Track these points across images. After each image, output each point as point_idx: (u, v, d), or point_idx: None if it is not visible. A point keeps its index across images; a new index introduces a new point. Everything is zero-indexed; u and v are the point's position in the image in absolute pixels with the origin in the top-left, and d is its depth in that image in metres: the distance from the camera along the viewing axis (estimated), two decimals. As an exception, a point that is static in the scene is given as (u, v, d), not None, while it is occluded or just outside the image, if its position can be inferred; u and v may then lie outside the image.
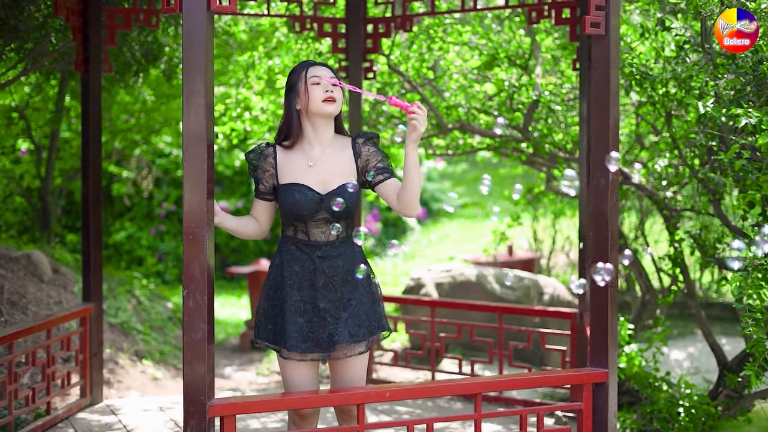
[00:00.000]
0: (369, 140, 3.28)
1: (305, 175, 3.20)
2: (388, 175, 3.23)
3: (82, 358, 4.86)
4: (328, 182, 3.20)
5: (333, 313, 3.18)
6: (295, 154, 3.24)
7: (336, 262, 3.20)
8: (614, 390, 3.40)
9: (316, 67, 3.22)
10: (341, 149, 3.26)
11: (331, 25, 5.23)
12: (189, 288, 2.88)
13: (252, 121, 6.20)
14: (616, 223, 3.43)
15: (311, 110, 3.19)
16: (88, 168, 4.84)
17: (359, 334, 3.17)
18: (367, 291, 3.24)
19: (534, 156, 5.86)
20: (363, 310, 3.20)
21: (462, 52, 6.30)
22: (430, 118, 5.75)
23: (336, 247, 3.21)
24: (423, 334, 5.29)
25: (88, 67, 4.82)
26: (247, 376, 6.66)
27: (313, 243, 3.20)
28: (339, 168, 3.22)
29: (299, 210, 3.15)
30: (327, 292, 3.18)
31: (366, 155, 3.25)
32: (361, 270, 3.19)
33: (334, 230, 3.16)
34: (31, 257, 6.36)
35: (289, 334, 3.15)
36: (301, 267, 3.20)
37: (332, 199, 3.16)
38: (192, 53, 2.87)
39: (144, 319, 7.20)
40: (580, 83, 4.64)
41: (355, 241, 3.22)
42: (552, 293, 6.79)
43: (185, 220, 2.87)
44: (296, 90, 3.21)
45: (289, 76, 3.27)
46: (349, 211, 3.20)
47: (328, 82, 3.18)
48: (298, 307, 3.18)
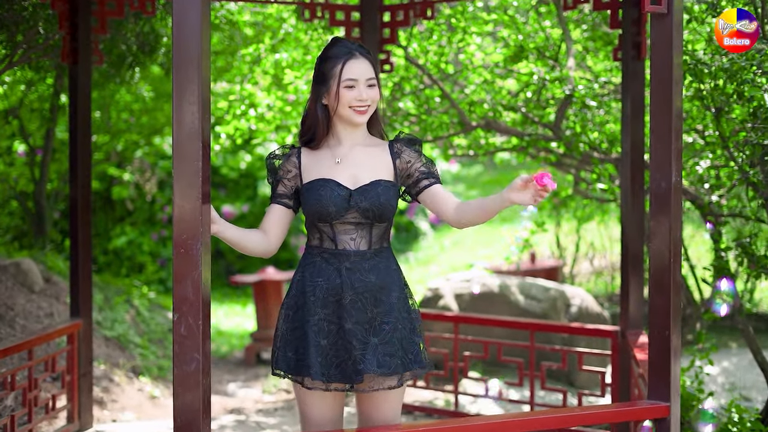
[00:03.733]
0: (411, 143, 2.81)
1: (332, 172, 2.74)
2: (434, 180, 2.78)
3: (69, 380, 4.40)
4: (358, 178, 2.74)
5: (360, 336, 2.68)
6: (320, 153, 2.79)
7: (367, 276, 2.70)
8: (677, 428, 2.92)
9: (355, 61, 2.73)
10: (376, 149, 2.81)
11: (344, 12, 4.76)
12: (180, 311, 2.41)
13: (257, 119, 5.73)
14: (679, 232, 2.96)
15: (339, 114, 2.74)
16: (76, 169, 4.39)
17: (390, 365, 2.66)
18: (404, 316, 2.74)
19: (564, 156, 5.38)
20: (397, 337, 2.70)
21: (484, 45, 5.82)
22: (452, 116, 5.28)
23: (368, 258, 2.72)
24: (445, 353, 4.80)
25: (76, 58, 4.37)
26: (253, 393, 6.18)
27: (341, 252, 2.71)
28: (372, 165, 2.76)
29: (325, 207, 2.68)
30: (355, 311, 2.68)
31: (407, 157, 2.79)
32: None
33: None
34: (21, 266, 5.91)
35: (313, 360, 2.65)
36: (325, 280, 2.71)
37: (362, 195, 2.69)
38: (183, 33, 2.40)
39: (142, 331, 6.74)
40: (623, 76, 4.16)
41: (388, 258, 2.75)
42: (580, 305, 6.30)
43: (175, 230, 2.41)
44: (327, 85, 2.74)
45: (322, 59, 2.78)
46: (384, 213, 2.71)
47: (363, 88, 2.71)
48: (321, 327, 2.69)
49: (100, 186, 10.21)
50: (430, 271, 10.22)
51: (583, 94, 4.75)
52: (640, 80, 4.13)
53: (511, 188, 2.53)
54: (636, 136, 4.10)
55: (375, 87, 2.74)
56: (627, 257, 4.16)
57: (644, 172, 4.17)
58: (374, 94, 2.74)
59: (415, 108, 5.49)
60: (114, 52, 5.29)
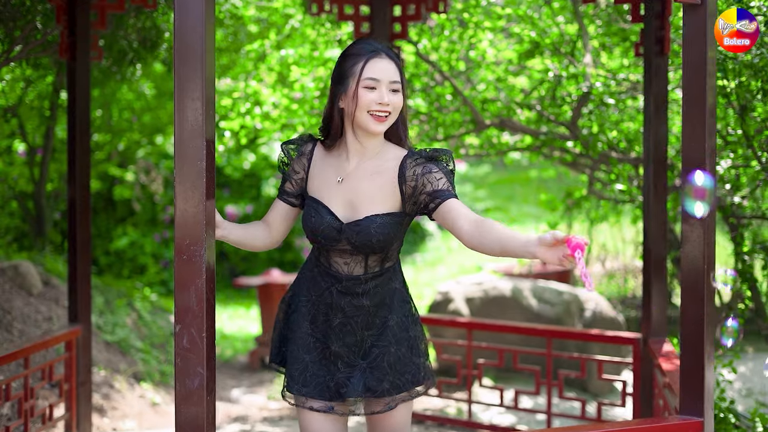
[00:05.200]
0: (420, 159, 2.50)
1: (330, 193, 2.52)
2: (440, 201, 2.44)
3: (67, 388, 4.22)
4: (356, 208, 2.50)
5: (347, 359, 2.52)
6: (329, 160, 2.57)
7: (360, 300, 2.52)
8: (711, 444, 2.74)
9: (380, 60, 2.46)
10: (384, 166, 2.52)
11: (353, 6, 4.58)
12: (183, 322, 2.23)
13: (263, 118, 5.55)
14: (712, 236, 2.78)
15: (356, 120, 2.49)
16: (75, 169, 4.21)
17: (377, 389, 2.50)
18: (402, 337, 2.55)
19: (579, 156, 5.19)
20: (388, 361, 2.51)
21: (496, 41, 5.64)
22: (465, 114, 5.09)
23: (362, 282, 2.52)
24: (458, 360, 4.62)
25: (75, 54, 4.19)
26: (257, 400, 6.00)
27: (333, 273, 2.53)
28: (374, 193, 2.50)
29: (315, 235, 2.51)
30: (343, 333, 2.52)
31: (412, 179, 2.47)
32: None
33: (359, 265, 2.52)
34: (19, 268, 5.73)
35: (294, 372, 2.54)
36: (318, 296, 2.55)
37: (354, 231, 2.47)
38: (186, 22, 2.22)
39: (144, 335, 6.56)
40: (645, 72, 3.98)
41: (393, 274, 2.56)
42: (594, 309, 6.11)
43: (177, 236, 2.23)
44: (344, 85, 2.49)
45: (342, 59, 2.53)
46: (379, 248, 2.49)
47: (386, 91, 2.44)
48: (306, 342, 2.54)
49: (101, 186, 10.05)
50: (438, 273, 10.03)
51: (601, 92, 4.56)
52: (663, 76, 3.94)
53: (541, 242, 2.19)
54: (659, 134, 3.92)
55: (399, 93, 2.48)
56: (649, 261, 3.98)
57: (667, 172, 4.00)
58: (397, 101, 2.48)
59: (426, 106, 5.31)
60: (114, 48, 5.11)
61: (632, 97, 5.41)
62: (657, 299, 3.98)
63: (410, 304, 2.64)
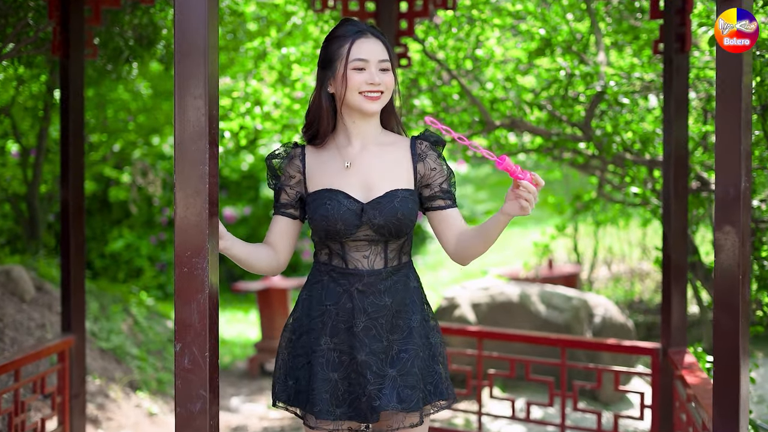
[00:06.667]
0: (436, 145, 2.42)
1: (341, 179, 2.36)
2: (450, 203, 2.40)
3: (60, 401, 4.04)
4: (372, 187, 2.35)
5: (376, 369, 2.32)
6: (327, 154, 2.41)
7: (382, 298, 2.34)
8: (746, 466, 2.57)
9: (366, 40, 2.34)
10: (393, 147, 2.41)
11: (359, 2, 4.40)
12: (183, 341, 2.05)
13: (263, 118, 5.36)
14: (748, 244, 2.61)
15: (347, 102, 2.35)
16: (68, 170, 4.03)
17: (411, 399, 2.30)
18: (424, 342, 2.38)
19: (592, 157, 5.02)
20: (418, 366, 2.34)
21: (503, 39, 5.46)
22: (473, 114, 4.91)
23: (384, 278, 2.35)
24: (468, 370, 4.44)
25: (68, 51, 4.01)
26: (257, 409, 5.82)
27: (352, 272, 2.35)
28: (388, 169, 2.37)
29: (332, 224, 2.31)
30: (369, 339, 2.32)
31: (432, 164, 2.40)
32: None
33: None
34: (11, 274, 5.54)
35: (318, 395, 2.30)
36: (334, 304, 2.35)
37: (376, 210, 2.31)
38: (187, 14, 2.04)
39: (140, 341, 6.37)
40: (665, 70, 3.81)
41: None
42: (604, 315, 5.95)
43: (178, 246, 2.05)
44: (332, 68, 2.36)
45: (327, 43, 2.40)
46: (402, 229, 2.34)
47: (375, 71, 2.33)
48: (330, 358, 2.33)
49: (96, 187, 9.86)
50: (441, 276, 9.85)
51: (615, 91, 4.39)
52: (684, 75, 3.77)
53: (505, 201, 2.26)
54: (680, 135, 3.75)
55: (389, 72, 2.36)
56: (669, 268, 3.81)
57: (688, 174, 3.83)
58: (388, 80, 2.35)
59: (432, 105, 5.13)
60: (109, 45, 4.92)
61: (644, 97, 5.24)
62: (677, 307, 3.81)
63: (428, 307, 2.48)
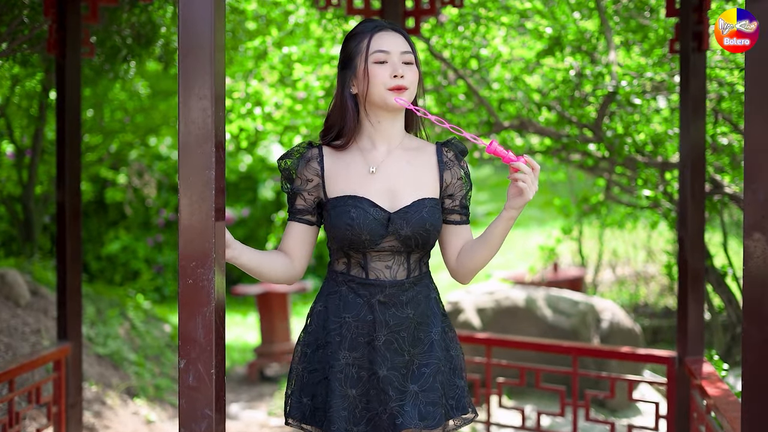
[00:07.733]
0: (462, 155, 2.33)
1: (365, 185, 2.22)
2: (466, 219, 2.32)
3: (56, 411, 3.91)
4: (397, 195, 2.23)
5: (397, 384, 2.19)
6: (349, 156, 2.27)
7: (405, 310, 2.22)
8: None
9: (384, 33, 2.23)
10: (418, 153, 2.29)
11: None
12: (188, 357, 1.92)
13: (264, 119, 5.24)
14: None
15: (371, 99, 2.22)
16: (64, 171, 3.90)
17: (434, 415, 2.18)
18: (444, 354, 2.27)
19: (602, 159, 4.90)
20: (440, 380, 2.22)
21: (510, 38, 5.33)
22: (481, 115, 4.79)
23: (406, 289, 2.23)
24: (476, 378, 4.32)
25: (64, 49, 3.88)
26: (257, 416, 5.69)
27: (373, 282, 2.22)
28: (415, 176, 2.25)
29: (357, 234, 2.18)
30: (390, 353, 2.20)
31: (457, 175, 2.30)
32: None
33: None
34: (5, 278, 5.40)
35: (336, 413, 2.17)
36: (354, 316, 2.22)
37: (403, 220, 2.20)
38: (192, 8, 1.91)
39: (137, 346, 6.24)
40: (682, 70, 3.68)
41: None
42: (611, 319, 5.82)
43: (182, 256, 1.92)
44: (353, 67, 2.24)
45: (345, 42, 2.28)
46: (429, 240, 2.23)
47: (398, 63, 2.20)
48: (349, 374, 2.20)
49: (93, 189, 9.72)
50: (442, 280, 9.70)
51: (628, 91, 4.27)
52: (702, 75, 3.65)
53: (507, 197, 2.20)
54: (697, 136, 3.63)
55: (413, 66, 2.23)
56: (686, 273, 3.69)
57: (705, 177, 3.71)
58: (412, 75, 2.22)
59: (437, 106, 5.01)
60: (107, 43, 4.79)
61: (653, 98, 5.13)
62: (693, 314, 3.68)
63: (447, 319, 2.36)
